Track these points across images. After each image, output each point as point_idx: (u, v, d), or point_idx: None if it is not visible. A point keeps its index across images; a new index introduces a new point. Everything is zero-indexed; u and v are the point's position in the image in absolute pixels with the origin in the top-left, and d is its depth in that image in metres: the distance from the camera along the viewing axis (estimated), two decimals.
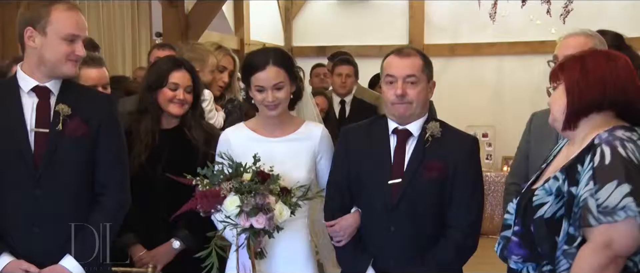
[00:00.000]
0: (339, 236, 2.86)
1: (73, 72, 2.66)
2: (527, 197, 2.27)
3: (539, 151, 3.08)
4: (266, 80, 2.79)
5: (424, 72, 2.81)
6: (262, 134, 2.90)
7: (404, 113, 2.77)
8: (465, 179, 2.77)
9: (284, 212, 2.60)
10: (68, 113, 2.61)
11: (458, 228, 2.77)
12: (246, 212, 2.55)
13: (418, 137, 2.81)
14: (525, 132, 3.31)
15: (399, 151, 2.81)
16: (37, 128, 2.60)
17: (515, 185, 3.17)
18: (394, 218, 2.76)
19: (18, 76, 2.66)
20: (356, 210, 2.88)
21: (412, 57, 2.81)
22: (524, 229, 2.25)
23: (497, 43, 9.05)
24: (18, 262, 2.56)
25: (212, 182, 2.61)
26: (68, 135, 2.61)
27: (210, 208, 2.61)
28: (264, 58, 2.82)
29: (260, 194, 2.56)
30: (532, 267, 2.25)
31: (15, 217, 2.58)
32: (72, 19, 2.60)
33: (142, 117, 3.17)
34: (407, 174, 2.76)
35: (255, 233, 2.60)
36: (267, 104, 2.81)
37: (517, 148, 3.36)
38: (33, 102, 2.63)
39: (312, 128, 2.97)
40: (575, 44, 2.87)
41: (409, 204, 2.75)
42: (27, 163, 2.58)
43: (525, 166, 3.20)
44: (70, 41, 2.59)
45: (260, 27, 9.09)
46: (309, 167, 2.89)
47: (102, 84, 3.62)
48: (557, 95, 2.26)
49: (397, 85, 2.75)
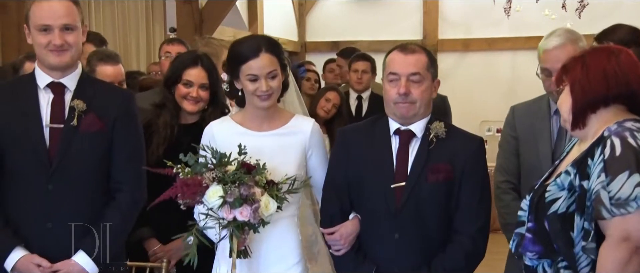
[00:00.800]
0: (339, 245, 2.69)
1: (58, 62, 2.60)
2: (540, 193, 2.25)
3: (533, 146, 3.05)
4: (260, 68, 2.63)
5: (429, 70, 2.66)
6: (249, 127, 2.73)
7: (406, 113, 2.63)
8: (472, 182, 2.63)
9: (270, 205, 2.46)
10: (83, 109, 2.62)
11: (466, 234, 2.62)
12: (229, 202, 2.41)
13: (422, 138, 2.66)
14: (507, 127, 3.23)
15: (401, 153, 2.66)
16: (52, 123, 2.61)
17: (508, 183, 3.15)
18: (397, 225, 2.61)
19: (35, 72, 2.68)
20: (355, 216, 2.72)
21: (417, 54, 2.66)
22: (538, 225, 2.23)
23: (512, 38, 9.01)
24: (31, 256, 2.57)
25: (194, 170, 2.47)
26: (83, 131, 2.62)
27: (191, 199, 2.45)
28: (255, 45, 2.66)
29: (245, 184, 2.42)
30: (547, 263, 2.24)
31: (29, 211, 2.60)
32: (42, 10, 2.56)
33: (161, 112, 3.18)
34: (411, 177, 2.61)
35: (238, 227, 2.45)
36: (260, 93, 2.64)
37: (501, 145, 3.28)
38: (49, 98, 2.65)
39: (302, 122, 2.80)
40: (565, 56, 2.81)
41: (414, 209, 2.60)
42: (41, 159, 2.59)
43: (515, 163, 3.15)
44: (45, 31, 2.56)
45: (273, 22, 9.09)
46: (298, 163, 2.72)
47: (118, 80, 3.63)
48: (564, 97, 2.26)
49: (401, 84, 2.60)
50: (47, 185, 2.58)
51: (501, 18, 7.97)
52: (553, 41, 2.93)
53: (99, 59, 3.71)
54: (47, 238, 2.59)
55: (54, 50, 2.57)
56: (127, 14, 7.63)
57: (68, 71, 2.66)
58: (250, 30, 8.58)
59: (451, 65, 9.56)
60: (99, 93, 2.71)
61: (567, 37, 2.92)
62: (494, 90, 9.03)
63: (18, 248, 2.57)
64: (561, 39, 2.91)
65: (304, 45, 10.07)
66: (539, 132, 3.07)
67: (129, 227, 2.71)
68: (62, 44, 2.56)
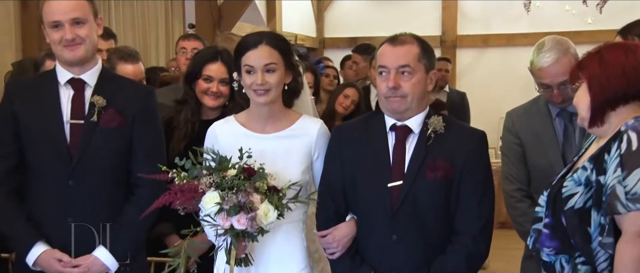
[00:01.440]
0: (333, 248, 2.57)
1: (72, 57, 2.62)
2: (557, 189, 2.25)
3: (540, 150, 3.01)
4: (256, 59, 2.50)
5: (421, 61, 2.50)
6: (252, 129, 2.60)
7: (398, 108, 2.49)
8: (474, 179, 2.48)
9: (269, 213, 2.31)
10: (103, 105, 2.63)
11: (468, 234, 2.48)
12: (226, 210, 2.28)
13: (419, 133, 2.52)
14: (509, 135, 3.15)
15: (398, 150, 2.52)
16: (72, 120, 2.63)
17: (520, 191, 3.08)
18: (395, 226, 2.47)
19: (56, 69, 2.70)
20: (352, 217, 2.60)
21: (406, 45, 2.50)
22: (555, 221, 2.23)
23: (532, 33, 8.94)
24: (52, 251, 2.59)
25: (191, 175, 2.34)
26: (103, 127, 2.63)
27: (187, 205, 2.33)
28: (257, 37, 2.55)
29: (242, 191, 2.29)
30: (565, 259, 2.23)
31: (50, 207, 2.62)
32: (52, 7, 2.59)
33: (182, 107, 3.19)
34: (408, 176, 2.47)
35: (236, 235, 2.34)
36: (256, 87, 2.50)
37: (505, 153, 3.19)
38: (69, 94, 2.67)
39: (309, 123, 2.64)
40: (563, 70, 2.78)
41: (412, 209, 2.46)
42: (61, 154, 2.61)
43: (524, 170, 3.09)
44: (55, 27, 2.59)
45: (292, 18, 9.09)
46: (303, 167, 2.57)
47: (138, 79, 3.65)
48: (581, 94, 2.24)
49: (390, 77, 2.46)
50: (68, 181, 2.60)
51: (521, 14, 7.93)
52: (547, 58, 2.86)
53: (119, 57, 3.74)
54: (68, 234, 2.61)
55: (67, 45, 2.59)
56: (147, 11, 7.68)
57: (87, 67, 2.67)
58: (269, 26, 8.58)
59: (470, 61, 9.52)
60: (119, 89, 2.72)
61: (559, 50, 2.86)
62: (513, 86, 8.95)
63: (39, 243, 2.59)
64: (554, 54, 2.85)
65: (322, 42, 10.07)
66: (545, 136, 3.02)
67: (148, 223, 2.72)
68: (73, 38, 2.58)
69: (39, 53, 4.57)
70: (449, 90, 7.28)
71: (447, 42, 9.56)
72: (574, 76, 2.29)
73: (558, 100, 2.89)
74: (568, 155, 2.87)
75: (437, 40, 9.46)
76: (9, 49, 5.92)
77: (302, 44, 9.52)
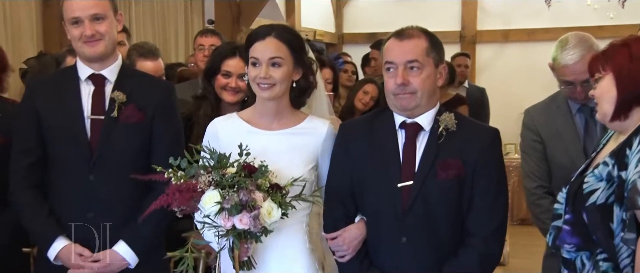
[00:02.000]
0: (343, 250, 2.46)
1: (92, 52, 2.63)
2: (577, 185, 2.23)
3: (561, 146, 2.99)
4: (262, 51, 2.40)
5: (430, 55, 2.39)
6: (256, 125, 2.49)
7: (407, 105, 2.39)
8: (487, 179, 2.39)
9: (273, 212, 2.19)
10: (123, 100, 2.64)
11: (480, 236, 2.38)
12: (227, 209, 2.16)
13: (430, 131, 2.42)
14: (529, 133, 3.13)
15: (408, 148, 2.41)
16: (92, 115, 2.65)
17: (542, 188, 3.06)
18: (405, 227, 2.38)
19: (77, 65, 2.72)
20: (361, 218, 2.50)
21: (414, 39, 2.39)
22: (576, 217, 2.21)
23: (553, 28, 8.87)
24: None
25: (188, 174, 2.22)
26: (123, 122, 2.65)
27: (185, 206, 2.21)
28: (267, 29, 2.45)
29: (244, 189, 2.16)
30: (585, 255, 2.22)
31: (71, 202, 2.64)
32: (71, 3, 2.61)
33: (201, 103, 3.19)
34: (419, 175, 2.38)
35: (238, 236, 2.21)
36: (259, 81, 2.40)
37: (525, 150, 3.17)
38: (89, 90, 2.68)
39: (317, 124, 2.53)
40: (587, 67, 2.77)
41: (423, 210, 2.37)
42: (82, 150, 2.63)
43: (544, 168, 3.06)
44: (75, 23, 2.61)
45: (311, 14, 9.10)
46: (309, 167, 2.46)
47: (158, 75, 3.66)
48: (606, 87, 2.20)
49: (398, 73, 2.36)
50: (89, 176, 2.62)
51: (541, 8, 7.86)
52: (571, 55, 2.83)
53: (139, 54, 3.76)
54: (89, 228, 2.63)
55: (86, 41, 2.61)
56: (166, 7, 7.72)
57: (108, 63, 2.69)
58: (288, 22, 8.59)
59: (490, 56, 9.47)
60: (139, 84, 2.73)
61: (583, 47, 2.82)
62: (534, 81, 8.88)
63: (61, 237, 2.61)
64: (579, 51, 2.81)
65: (341, 37, 10.06)
66: (565, 132, 3.00)
67: (168, 218, 2.73)
68: (93, 34, 2.60)
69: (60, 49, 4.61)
70: (468, 86, 7.25)
71: (467, 37, 9.51)
72: (594, 68, 2.25)
73: (581, 97, 2.87)
74: (590, 150, 2.84)
75: (456, 35, 9.42)
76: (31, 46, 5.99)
77: (321, 39, 9.52)
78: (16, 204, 2.67)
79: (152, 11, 7.58)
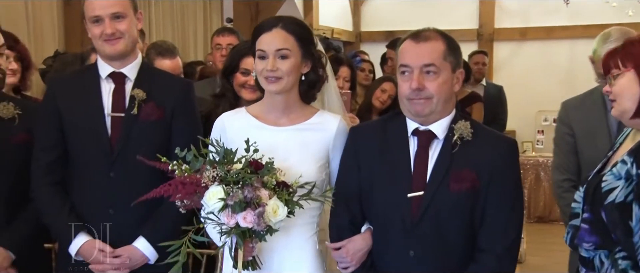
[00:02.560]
0: (346, 262, 2.35)
1: (112, 51, 2.65)
2: (595, 184, 2.21)
3: (592, 142, 2.98)
4: (268, 43, 2.31)
5: (447, 60, 2.28)
6: (265, 121, 2.40)
7: (421, 111, 2.27)
8: (502, 192, 2.25)
9: (279, 210, 2.09)
10: (143, 98, 2.65)
11: (492, 252, 2.25)
12: (231, 206, 2.07)
13: (444, 139, 2.29)
14: (562, 126, 3.15)
15: (420, 157, 2.29)
16: (113, 112, 2.66)
17: (569, 181, 3.07)
18: (413, 240, 2.25)
19: (97, 63, 2.73)
20: (368, 228, 2.38)
21: (431, 41, 2.28)
22: (594, 216, 2.19)
23: (571, 26, 8.81)
24: (94, 241, 2.62)
25: (193, 167, 2.15)
26: (143, 119, 2.66)
27: (188, 200, 2.14)
28: (273, 20, 2.36)
29: (249, 186, 2.07)
30: (604, 254, 2.20)
31: (92, 198, 2.65)
32: (92, 2, 2.63)
33: (220, 101, 3.20)
34: (430, 186, 2.24)
35: (242, 234, 2.12)
36: (266, 74, 2.31)
37: (557, 142, 3.19)
38: (110, 88, 2.69)
39: (328, 118, 2.43)
40: None
41: (433, 223, 2.24)
42: (103, 147, 2.64)
43: (575, 161, 3.07)
44: (96, 22, 2.62)
45: (329, 12, 9.09)
46: (319, 164, 2.37)
47: (176, 73, 3.68)
48: (626, 84, 2.17)
49: (413, 77, 2.24)
50: (109, 173, 2.63)
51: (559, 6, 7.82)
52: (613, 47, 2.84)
53: (157, 53, 3.78)
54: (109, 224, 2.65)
55: (107, 39, 2.62)
56: (186, 6, 7.75)
57: (128, 61, 2.70)
58: (306, 20, 8.59)
59: (508, 54, 9.42)
60: (158, 82, 2.74)
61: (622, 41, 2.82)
62: (551, 79, 8.87)
63: (82, 233, 2.62)
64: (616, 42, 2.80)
65: (358, 35, 10.05)
66: (598, 128, 3.00)
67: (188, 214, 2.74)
68: (113, 33, 2.61)
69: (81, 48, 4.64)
70: (486, 84, 7.23)
71: (484, 35, 9.47)
72: (612, 65, 2.22)
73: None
74: None
75: (474, 33, 9.37)
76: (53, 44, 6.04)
77: (339, 37, 9.52)
78: (38, 201, 2.69)
79: (171, 10, 7.62)
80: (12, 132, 2.78)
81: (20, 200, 2.76)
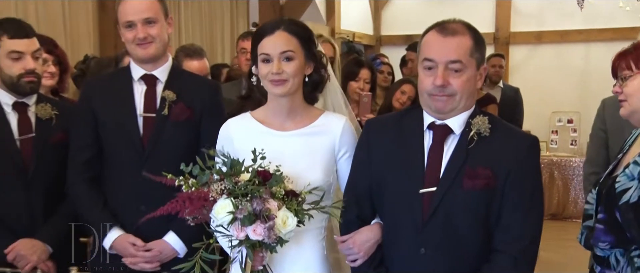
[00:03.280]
0: (353, 254, 2.19)
1: (144, 54, 2.66)
2: (609, 185, 2.18)
3: (620, 138, 2.97)
4: (273, 46, 2.20)
5: (474, 56, 2.08)
6: (270, 126, 2.29)
7: (443, 107, 2.09)
8: (519, 192, 2.06)
9: (288, 221, 1.98)
10: (173, 99, 2.67)
11: (509, 254, 2.06)
12: (240, 219, 1.96)
13: (460, 135, 2.11)
14: (598, 120, 3.18)
15: (434, 152, 2.11)
16: (145, 113, 2.68)
17: (595, 174, 3.02)
18: (425, 238, 2.08)
19: (130, 66, 2.75)
20: (376, 222, 2.23)
21: (458, 36, 2.07)
22: (609, 216, 2.16)
23: (585, 30, 8.73)
24: (126, 235, 2.64)
25: (200, 182, 2.03)
26: (173, 120, 2.67)
27: (197, 215, 2.03)
28: (274, 23, 2.25)
29: (258, 198, 1.96)
30: (619, 252, 2.17)
31: (125, 195, 2.67)
32: (126, 8, 2.64)
33: (246, 103, 3.20)
34: (443, 182, 2.07)
35: (252, 246, 2.01)
36: (272, 77, 2.20)
37: (591, 137, 3.23)
38: (142, 89, 2.71)
39: (333, 119, 2.31)
40: None
41: (445, 220, 2.07)
42: (135, 145, 2.66)
43: (604, 155, 3.09)
44: (129, 27, 2.64)
45: (350, 17, 9.09)
46: (327, 168, 2.25)
47: (203, 74, 3.70)
48: (638, 84, 2.16)
49: (437, 73, 2.05)
50: (141, 170, 2.65)
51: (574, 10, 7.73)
52: None
53: (185, 54, 3.81)
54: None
55: (139, 43, 2.63)
56: (213, 10, 7.79)
57: (159, 64, 2.71)
58: (328, 24, 8.60)
59: (523, 57, 9.36)
60: (188, 84, 2.75)
61: None
62: (566, 82, 8.80)
63: (115, 228, 2.65)
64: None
65: (379, 39, 10.03)
66: (628, 126, 2.99)
67: None
68: (145, 37, 2.62)
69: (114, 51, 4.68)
70: (503, 86, 7.24)
71: (501, 38, 9.41)
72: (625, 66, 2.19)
73: None
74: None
75: (490, 37, 9.32)
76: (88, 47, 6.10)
77: (360, 41, 9.51)
78: (74, 197, 2.72)
79: (200, 13, 7.67)
80: (50, 132, 2.81)
81: (58, 197, 2.79)
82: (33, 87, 2.79)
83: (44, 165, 2.78)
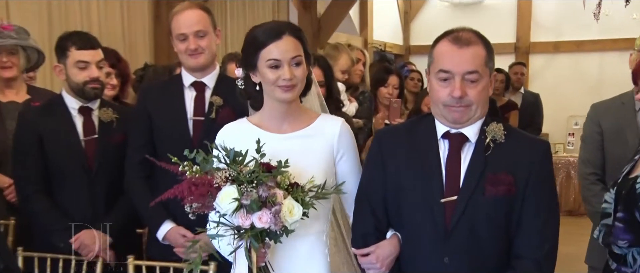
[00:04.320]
0: (376, 268, 2.01)
1: (195, 64, 2.67)
2: (628, 186, 2.12)
3: (621, 139, 2.92)
4: (283, 52, 2.00)
5: (488, 65, 1.94)
6: (267, 129, 2.09)
7: (459, 118, 1.94)
8: (538, 196, 1.93)
9: (294, 210, 1.82)
10: (220, 104, 2.67)
11: (531, 259, 1.92)
12: (246, 205, 1.79)
13: (476, 142, 1.96)
14: (590, 123, 3.09)
15: (452, 161, 1.95)
16: (194, 117, 2.69)
17: (595, 175, 3.02)
18: (448, 247, 1.93)
19: (182, 74, 2.77)
20: (394, 234, 2.05)
21: (472, 46, 1.92)
22: (629, 216, 2.09)
23: (601, 40, 8.59)
24: (178, 228, 2.65)
25: (204, 168, 1.87)
26: (219, 123, 2.65)
27: (200, 202, 1.84)
28: (277, 27, 2.04)
29: (263, 185, 1.80)
30: (637, 251, 2.11)
31: None
32: (178, 21, 2.65)
33: None
34: (464, 190, 1.92)
35: (257, 236, 1.84)
36: (283, 83, 2.00)
37: (584, 139, 3.14)
38: (192, 95, 2.72)
39: (329, 122, 2.14)
40: None
41: (468, 229, 1.91)
42: (186, 146, 2.66)
43: (600, 157, 3.02)
44: (182, 40, 2.64)
45: (382, 29, 9.05)
46: (326, 170, 2.06)
47: None
48: None
49: (455, 85, 1.90)
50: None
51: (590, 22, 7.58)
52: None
53: (229, 58, 3.86)
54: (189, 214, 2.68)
55: (191, 54, 2.64)
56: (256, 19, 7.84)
57: (208, 72, 2.72)
58: (361, 35, 8.57)
59: (542, 65, 9.26)
60: (234, 90, 2.74)
61: None
62: (581, 88, 8.69)
63: (167, 221, 2.66)
64: None
65: (408, 49, 9.98)
66: (626, 127, 2.93)
67: None
68: (196, 48, 2.63)
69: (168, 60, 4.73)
70: (524, 92, 7.23)
71: (521, 48, 9.31)
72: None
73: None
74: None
75: (511, 46, 9.25)
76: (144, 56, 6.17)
77: (391, 51, 9.47)
78: (131, 193, 2.74)
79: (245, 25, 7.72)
80: (111, 133, 2.85)
81: (118, 192, 2.82)
82: (97, 93, 2.84)
83: (105, 164, 2.82)
